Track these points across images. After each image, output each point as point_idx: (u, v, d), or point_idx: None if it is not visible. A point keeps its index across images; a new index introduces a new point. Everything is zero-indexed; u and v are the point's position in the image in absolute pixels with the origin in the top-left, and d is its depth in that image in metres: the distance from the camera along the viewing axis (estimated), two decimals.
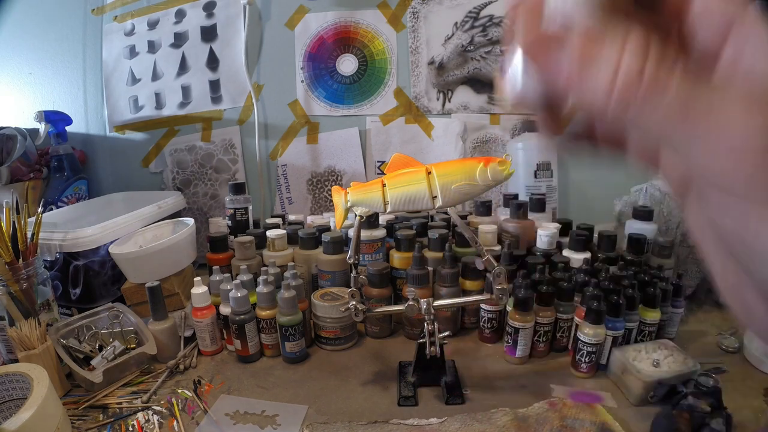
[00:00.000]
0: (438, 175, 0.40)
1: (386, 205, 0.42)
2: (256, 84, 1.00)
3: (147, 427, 0.52)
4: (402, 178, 0.42)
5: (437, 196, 0.40)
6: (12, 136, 0.93)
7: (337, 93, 1.00)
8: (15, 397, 0.51)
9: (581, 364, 0.58)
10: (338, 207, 0.47)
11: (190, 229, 0.75)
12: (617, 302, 0.57)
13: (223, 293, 0.65)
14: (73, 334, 0.63)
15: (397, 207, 0.42)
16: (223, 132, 1.03)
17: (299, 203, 1.06)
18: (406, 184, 0.41)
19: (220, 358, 0.66)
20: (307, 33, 0.98)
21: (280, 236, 0.74)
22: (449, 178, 0.40)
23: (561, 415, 0.51)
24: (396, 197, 0.41)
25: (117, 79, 1.04)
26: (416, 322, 0.67)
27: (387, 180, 0.43)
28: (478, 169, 0.39)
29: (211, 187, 1.06)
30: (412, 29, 0.97)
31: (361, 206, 0.44)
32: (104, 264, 0.73)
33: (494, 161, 0.40)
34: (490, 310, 0.65)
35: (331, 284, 0.71)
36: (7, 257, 0.58)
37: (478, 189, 0.40)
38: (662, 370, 0.53)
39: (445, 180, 0.40)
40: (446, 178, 0.40)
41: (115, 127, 1.06)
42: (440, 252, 0.70)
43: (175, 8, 0.99)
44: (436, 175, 0.40)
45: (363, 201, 0.44)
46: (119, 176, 1.08)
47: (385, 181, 0.43)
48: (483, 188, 0.40)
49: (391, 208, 0.42)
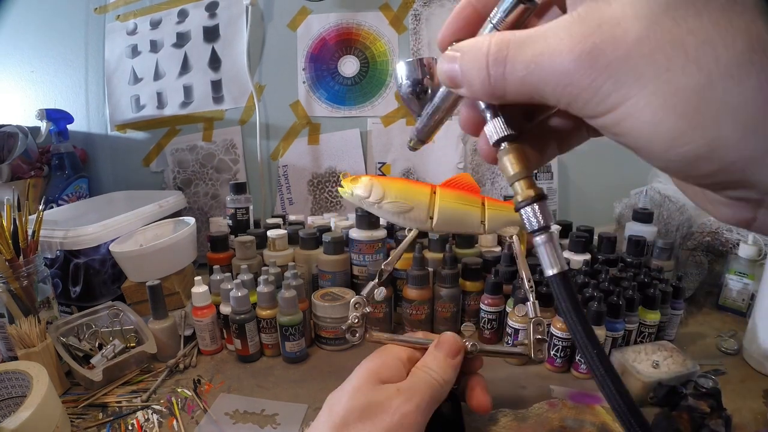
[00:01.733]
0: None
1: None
2: (258, 84, 1.00)
3: (146, 426, 0.52)
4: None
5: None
6: (13, 133, 0.93)
7: (338, 94, 1.00)
8: (14, 395, 0.51)
9: (581, 365, 0.58)
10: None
11: (191, 228, 0.75)
12: (617, 303, 0.57)
13: (224, 293, 0.65)
14: (73, 332, 0.62)
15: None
16: (225, 132, 1.03)
17: (300, 204, 1.06)
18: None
19: (220, 357, 0.66)
20: (309, 34, 0.98)
21: (280, 236, 0.74)
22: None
23: (561, 415, 0.51)
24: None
25: (119, 78, 1.04)
26: (417, 323, 0.68)
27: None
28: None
29: (212, 187, 1.06)
30: (413, 31, 0.97)
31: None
32: (104, 262, 0.73)
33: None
34: (490, 311, 0.66)
35: (331, 284, 0.72)
36: (8, 254, 0.58)
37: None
38: (662, 371, 0.53)
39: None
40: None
41: (117, 126, 1.06)
42: (440, 253, 0.70)
43: (178, 8, 1.00)
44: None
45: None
46: (120, 175, 1.08)
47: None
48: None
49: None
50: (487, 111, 0.22)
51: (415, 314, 0.67)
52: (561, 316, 0.20)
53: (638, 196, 0.85)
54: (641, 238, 0.70)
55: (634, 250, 0.70)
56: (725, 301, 0.75)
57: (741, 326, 0.66)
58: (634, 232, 0.73)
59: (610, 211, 0.88)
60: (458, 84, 0.20)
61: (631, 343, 0.61)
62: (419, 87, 0.27)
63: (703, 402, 0.46)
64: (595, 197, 1.01)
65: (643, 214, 0.74)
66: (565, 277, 0.20)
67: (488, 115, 0.22)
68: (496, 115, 0.21)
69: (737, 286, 0.72)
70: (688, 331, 0.69)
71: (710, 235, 0.75)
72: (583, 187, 1.03)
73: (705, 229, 0.76)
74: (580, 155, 1.01)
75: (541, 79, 0.17)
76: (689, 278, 0.76)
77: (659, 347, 0.57)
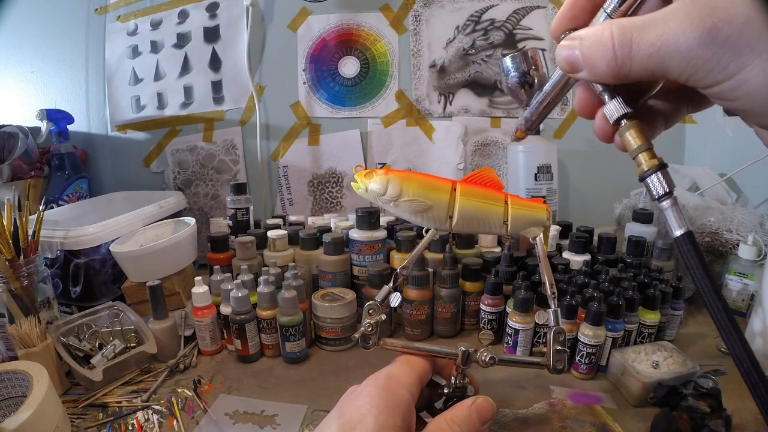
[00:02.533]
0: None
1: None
2: (258, 85, 1.01)
3: (147, 426, 0.52)
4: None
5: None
6: (14, 134, 0.93)
7: (338, 95, 1.00)
8: (14, 395, 0.51)
9: (581, 365, 0.58)
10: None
11: (191, 228, 0.75)
12: (617, 304, 0.57)
13: (224, 293, 0.65)
14: (73, 332, 0.62)
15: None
16: (225, 132, 1.03)
17: (300, 204, 1.06)
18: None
19: (220, 357, 0.66)
20: (310, 35, 0.98)
21: (281, 236, 0.74)
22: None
23: (561, 416, 0.51)
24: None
25: (119, 78, 1.04)
26: (417, 324, 0.68)
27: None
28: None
29: (212, 188, 1.06)
30: (413, 32, 0.98)
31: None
32: (105, 262, 0.73)
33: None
34: (490, 312, 0.66)
35: (331, 285, 0.72)
36: (8, 254, 0.58)
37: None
38: (662, 371, 0.53)
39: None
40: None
41: (117, 126, 1.06)
42: (440, 253, 0.71)
43: (178, 9, 1.00)
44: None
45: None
46: (120, 175, 1.08)
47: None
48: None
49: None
50: (605, 93, 0.24)
51: (415, 314, 0.67)
52: (689, 273, 0.22)
53: (638, 196, 0.85)
54: (641, 238, 0.70)
55: (634, 250, 0.70)
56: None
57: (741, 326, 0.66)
58: (634, 232, 0.73)
59: (610, 211, 0.88)
60: (578, 68, 0.23)
61: (631, 344, 0.61)
62: (526, 78, 0.30)
63: (703, 402, 0.46)
64: (595, 198, 1.02)
65: (643, 215, 0.74)
66: (692, 236, 0.22)
67: (606, 96, 0.24)
68: (614, 96, 0.24)
69: (737, 286, 0.73)
70: (688, 331, 0.69)
71: (710, 235, 0.75)
72: (583, 187, 1.03)
73: (705, 230, 0.76)
74: (580, 156, 1.02)
75: (667, 56, 0.20)
76: (689, 279, 0.76)
77: (659, 347, 0.57)
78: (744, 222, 0.74)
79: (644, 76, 0.21)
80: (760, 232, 0.73)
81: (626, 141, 0.24)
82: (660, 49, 0.20)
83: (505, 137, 1.01)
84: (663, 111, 0.27)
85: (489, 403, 0.33)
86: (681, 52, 0.19)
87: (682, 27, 0.19)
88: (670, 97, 0.27)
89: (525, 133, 0.32)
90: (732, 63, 0.18)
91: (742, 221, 0.75)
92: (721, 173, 0.90)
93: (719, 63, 0.19)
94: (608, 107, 0.24)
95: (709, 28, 0.18)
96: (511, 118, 1.00)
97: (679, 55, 0.19)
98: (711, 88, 0.20)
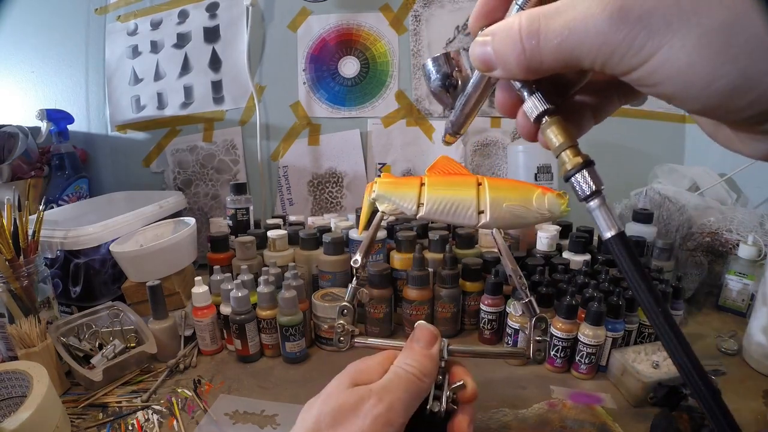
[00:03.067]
0: (490, 187, 0.34)
1: (420, 207, 0.34)
2: (258, 85, 1.00)
3: (147, 426, 0.52)
4: (447, 180, 0.35)
5: (485, 211, 0.33)
6: (13, 133, 0.93)
7: (338, 95, 1.00)
8: (14, 395, 0.51)
9: (581, 365, 0.58)
10: (364, 202, 0.38)
11: (191, 228, 0.75)
12: (617, 304, 0.57)
13: (224, 293, 0.65)
14: (73, 332, 0.62)
15: (434, 213, 0.34)
16: (225, 132, 1.03)
17: (300, 204, 1.06)
18: (450, 186, 0.34)
19: (220, 357, 0.66)
20: (310, 35, 0.98)
21: (281, 236, 0.74)
22: (502, 194, 0.34)
23: (561, 416, 0.51)
24: (435, 200, 0.34)
25: (119, 78, 1.04)
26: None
27: (428, 179, 0.35)
28: (536, 194, 0.34)
29: (212, 188, 1.06)
30: (413, 32, 0.98)
31: (388, 202, 0.35)
32: (105, 262, 0.73)
33: (552, 191, 0.34)
34: (490, 312, 0.66)
35: (331, 285, 0.72)
36: (8, 254, 0.58)
37: (531, 216, 0.34)
38: (662, 371, 0.53)
39: (497, 195, 0.34)
40: (498, 193, 0.34)
41: (117, 126, 1.06)
42: (440, 253, 0.71)
43: (178, 9, 1.00)
44: (488, 187, 0.34)
45: (392, 195, 0.35)
46: (120, 175, 1.08)
47: (425, 180, 0.35)
48: (536, 217, 0.34)
49: (425, 211, 0.34)
50: (524, 89, 0.22)
51: (415, 314, 0.67)
52: (623, 275, 0.20)
53: (638, 196, 0.85)
54: (641, 238, 0.70)
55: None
56: (725, 302, 0.75)
57: (741, 326, 0.66)
58: (634, 232, 0.73)
59: None
60: (492, 66, 0.21)
61: (631, 344, 0.61)
62: (449, 80, 0.28)
63: None
64: None
65: (643, 215, 0.74)
66: (623, 238, 0.20)
67: (525, 93, 0.22)
68: (533, 92, 0.22)
69: (737, 286, 0.73)
70: (688, 331, 0.69)
71: (710, 235, 0.75)
72: None
73: (705, 230, 0.76)
74: None
75: (576, 43, 0.18)
76: (689, 279, 0.76)
77: (659, 347, 0.57)
78: (744, 222, 0.74)
79: (558, 68, 0.19)
80: (760, 232, 0.73)
81: (548, 139, 0.22)
82: (569, 37, 0.18)
83: (505, 137, 1.01)
84: (591, 104, 0.25)
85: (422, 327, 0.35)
86: (591, 38, 0.17)
87: (590, 9, 0.17)
88: (600, 89, 0.25)
89: (454, 137, 0.30)
90: (647, 43, 0.16)
91: (742, 221, 0.75)
92: (721, 173, 0.90)
93: (633, 45, 0.17)
94: (527, 104, 0.22)
95: (619, 6, 0.16)
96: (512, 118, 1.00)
97: (589, 40, 0.17)
98: (629, 74, 0.18)
